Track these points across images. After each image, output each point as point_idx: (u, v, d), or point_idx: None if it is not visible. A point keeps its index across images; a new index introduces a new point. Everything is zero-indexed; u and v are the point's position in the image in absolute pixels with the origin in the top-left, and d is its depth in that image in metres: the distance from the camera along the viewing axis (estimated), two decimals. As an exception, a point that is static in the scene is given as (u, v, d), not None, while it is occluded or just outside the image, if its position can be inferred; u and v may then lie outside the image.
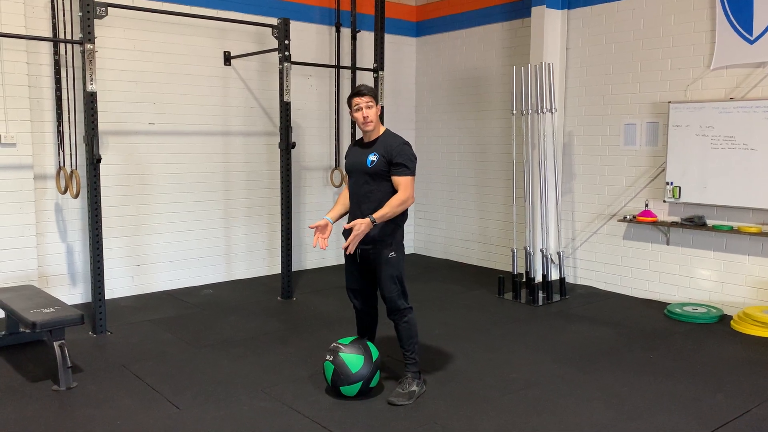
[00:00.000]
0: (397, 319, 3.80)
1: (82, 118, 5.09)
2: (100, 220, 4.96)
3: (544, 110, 6.06)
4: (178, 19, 6.11)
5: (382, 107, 6.77)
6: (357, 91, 3.74)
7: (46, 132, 5.58)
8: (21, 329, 4.67)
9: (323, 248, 3.71)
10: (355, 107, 3.73)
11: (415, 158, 3.75)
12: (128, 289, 6.13)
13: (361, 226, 3.51)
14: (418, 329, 3.88)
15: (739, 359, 4.49)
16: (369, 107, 3.70)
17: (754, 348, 4.71)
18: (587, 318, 5.49)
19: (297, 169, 7.05)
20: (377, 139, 3.77)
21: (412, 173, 3.69)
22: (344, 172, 5.20)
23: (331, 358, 3.74)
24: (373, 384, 3.79)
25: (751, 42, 5.27)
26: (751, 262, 5.41)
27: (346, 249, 3.58)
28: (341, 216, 3.95)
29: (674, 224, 5.75)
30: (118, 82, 5.91)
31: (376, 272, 3.79)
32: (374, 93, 3.79)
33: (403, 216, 3.78)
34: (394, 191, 3.68)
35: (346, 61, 7.33)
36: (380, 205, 3.64)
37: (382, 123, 3.90)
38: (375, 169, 3.69)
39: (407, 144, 3.75)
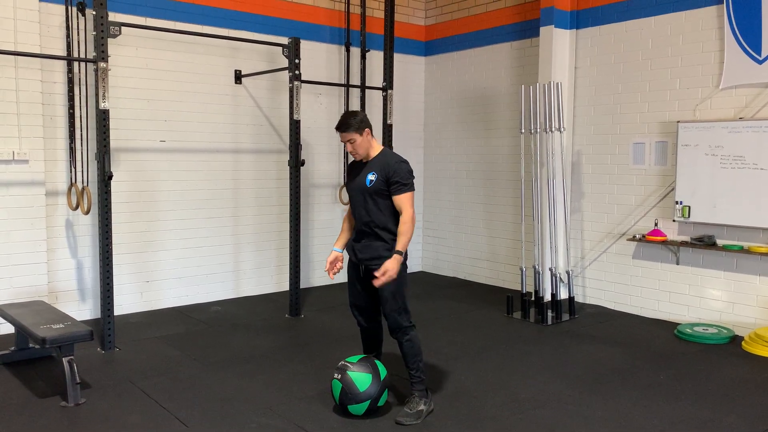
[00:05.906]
0: (400, 337, 3.81)
1: (94, 136, 5.15)
2: (111, 236, 4.99)
3: (553, 129, 6.07)
4: (189, 38, 6.19)
5: (391, 126, 6.86)
6: (337, 126, 3.84)
7: (58, 149, 5.64)
8: (30, 345, 4.69)
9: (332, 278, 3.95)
10: (342, 140, 3.86)
11: (412, 174, 3.81)
12: (137, 305, 6.15)
13: (390, 263, 3.61)
14: (422, 347, 3.87)
15: (750, 380, 4.44)
16: (351, 142, 3.80)
17: (765, 369, 4.67)
18: (596, 338, 5.45)
19: (306, 187, 7.08)
20: (375, 158, 3.85)
21: (410, 189, 3.76)
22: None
23: (339, 376, 3.74)
24: (381, 403, 3.78)
25: (760, 62, 5.27)
26: (761, 282, 5.37)
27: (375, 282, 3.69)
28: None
29: (684, 244, 5.72)
30: (130, 99, 5.97)
31: (378, 289, 3.80)
32: (353, 125, 3.77)
33: None
34: (395, 206, 3.75)
35: (355, 79, 7.39)
36: (383, 219, 3.74)
37: (390, 143, 3.95)
38: (374, 188, 3.76)
39: (404, 162, 3.81)
